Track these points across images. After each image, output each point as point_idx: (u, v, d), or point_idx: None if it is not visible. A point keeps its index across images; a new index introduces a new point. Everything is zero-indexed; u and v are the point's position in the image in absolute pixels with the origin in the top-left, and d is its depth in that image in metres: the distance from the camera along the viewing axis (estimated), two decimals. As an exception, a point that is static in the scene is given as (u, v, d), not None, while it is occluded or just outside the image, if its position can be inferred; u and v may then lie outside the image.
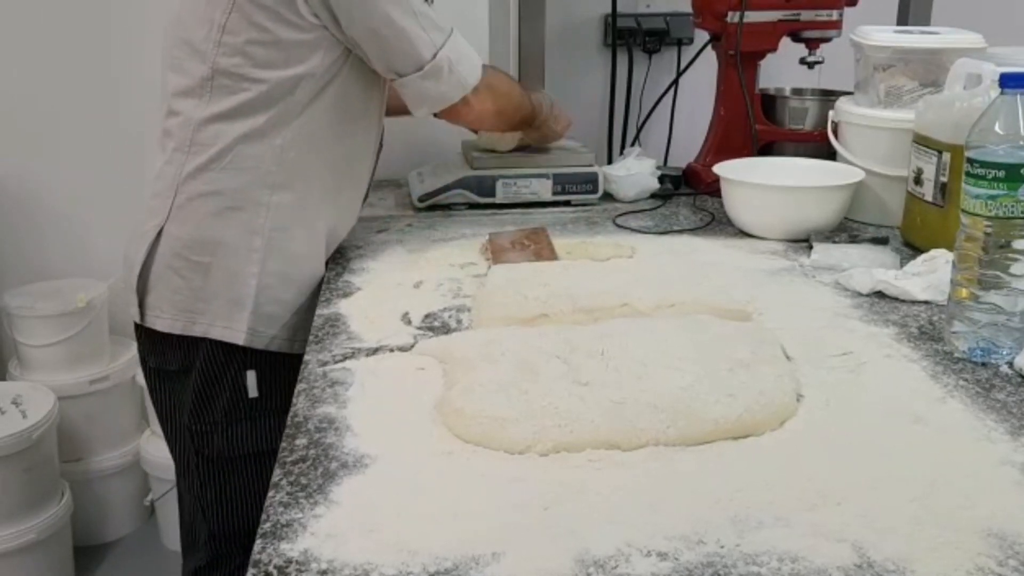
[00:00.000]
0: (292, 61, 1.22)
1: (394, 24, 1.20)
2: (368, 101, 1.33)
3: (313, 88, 1.24)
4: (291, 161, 1.25)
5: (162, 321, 1.28)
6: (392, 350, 1.06)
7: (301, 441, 0.87)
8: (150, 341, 1.31)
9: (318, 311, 1.19)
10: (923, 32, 1.58)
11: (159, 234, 1.26)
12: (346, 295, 1.23)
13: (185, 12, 1.26)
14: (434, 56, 1.23)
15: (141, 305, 1.29)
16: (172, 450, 1.39)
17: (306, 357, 1.05)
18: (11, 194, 2.13)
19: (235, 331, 1.25)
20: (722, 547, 0.71)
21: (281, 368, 1.26)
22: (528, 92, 1.51)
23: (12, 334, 2.12)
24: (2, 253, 2.18)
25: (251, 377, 1.26)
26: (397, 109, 1.41)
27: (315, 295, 1.28)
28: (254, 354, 1.26)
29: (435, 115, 1.32)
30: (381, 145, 1.43)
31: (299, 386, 0.98)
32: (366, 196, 1.44)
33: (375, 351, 1.06)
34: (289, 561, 0.69)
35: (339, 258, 1.38)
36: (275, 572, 0.68)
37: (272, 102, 1.23)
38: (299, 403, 0.94)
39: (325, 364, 1.03)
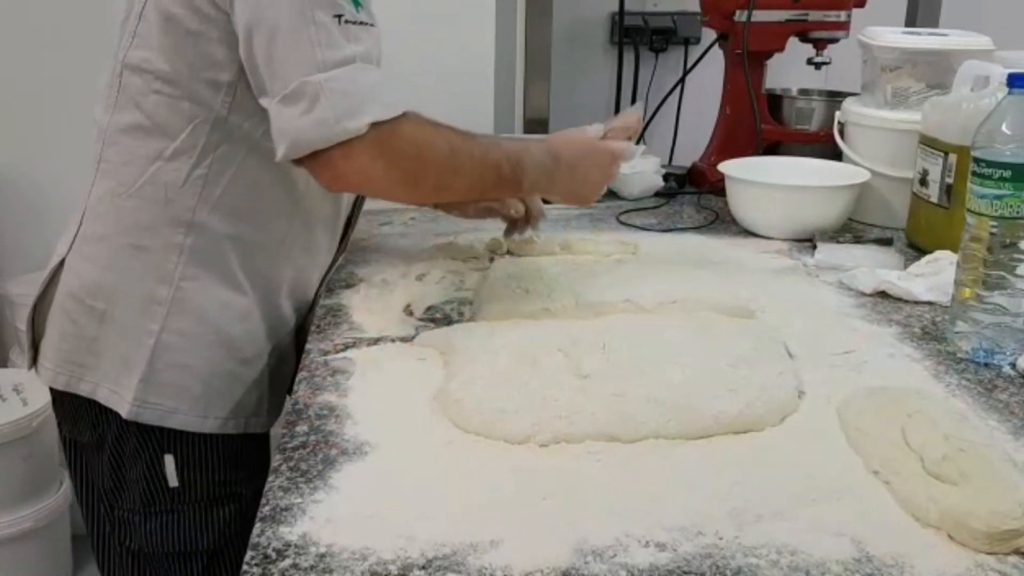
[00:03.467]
0: (211, 61, 0.98)
1: (278, 25, 0.92)
2: None
3: (244, 100, 0.99)
4: (216, 195, 1.03)
5: (46, 372, 1.08)
6: (394, 341, 1.06)
7: (301, 428, 0.87)
8: (59, 404, 1.12)
9: (321, 301, 1.19)
10: (931, 34, 1.58)
11: (60, 266, 1.08)
12: (349, 286, 1.23)
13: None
14: (304, 79, 0.91)
15: (35, 349, 1.11)
16: (91, 538, 1.16)
17: (308, 346, 1.05)
18: (14, 183, 2.13)
19: (121, 399, 1.04)
20: (721, 539, 0.70)
21: (209, 451, 1.06)
22: (503, 143, 1.09)
23: (14, 322, 2.12)
24: (5, 241, 2.18)
25: (169, 463, 1.05)
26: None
27: (251, 363, 1.08)
28: (173, 434, 1.05)
29: (297, 163, 0.95)
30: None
31: (300, 374, 0.99)
32: (344, 241, 1.20)
33: (377, 341, 1.06)
34: (288, 544, 0.69)
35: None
36: (273, 555, 0.68)
37: (191, 115, 1.00)
38: (300, 390, 0.94)
39: (327, 353, 1.03)
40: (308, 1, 0.91)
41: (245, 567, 0.67)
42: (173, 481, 1.05)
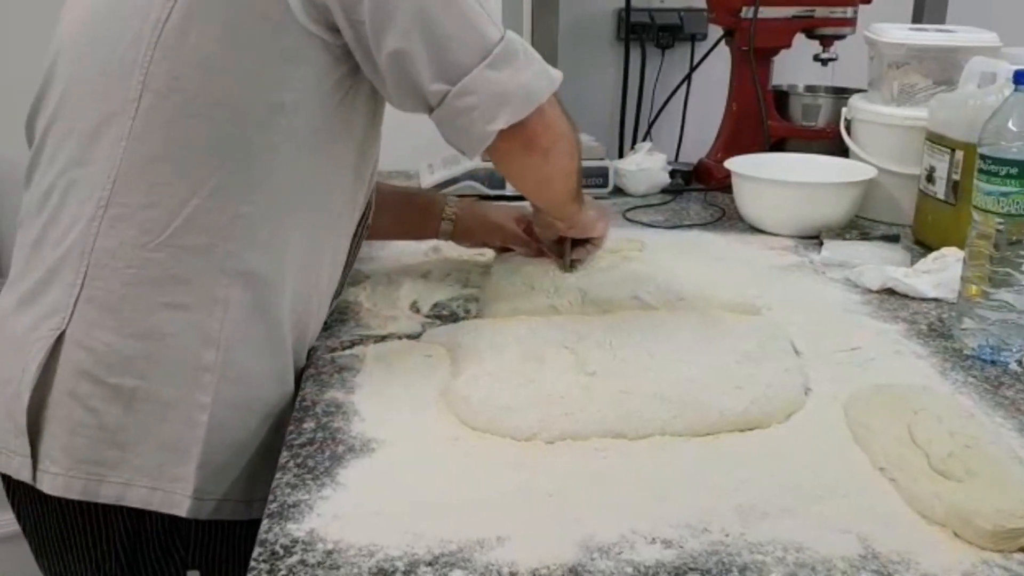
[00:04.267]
0: (278, 79, 0.84)
1: (450, 6, 0.85)
2: (366, 142, 0.96)
3: (296, 124, 0.86)
4: (263, 236, 0.88)
5: (51, 479, 0.86)
6: (400, 338, 1.06)
7: (308, 425, 0.87)
8: (44, 523, 0.91)
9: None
10: (938, 30, 1.57)
11: (58, 340, 0.86)
12: (355, 283, 1.23)
13: (104, 7, 0.90)
14: (502, 38, 0.87)
15: (34, 454, 0.87)
16: None
17: (315, 343, 1.05)
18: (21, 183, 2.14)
19: (174, 495, 0.85)
20: (727, 536, 0.71)
21: (234, 549, 0.92)
22: None
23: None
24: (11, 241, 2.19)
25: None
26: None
27: (277, 427, 0.91)
28: (196, 539, 0.91)
29: (497, 150, 0.90)
30: (367, 216, 1.05)
31: (307, 371, 0.99)
32: (342, 286, 1.07)
33: (383, 338, 1.06)
34: (295, 541, 0.69)
35: (349, 247, 1.38)
36: (281, 551, 0.68)
37: (239, 143, 0.85)
38: (307, 388, 0.94)
39: (333, 350, 1.03)
40: None
41: (253, 563, 0.67)
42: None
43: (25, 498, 0.91)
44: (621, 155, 2.01)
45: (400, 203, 1.23)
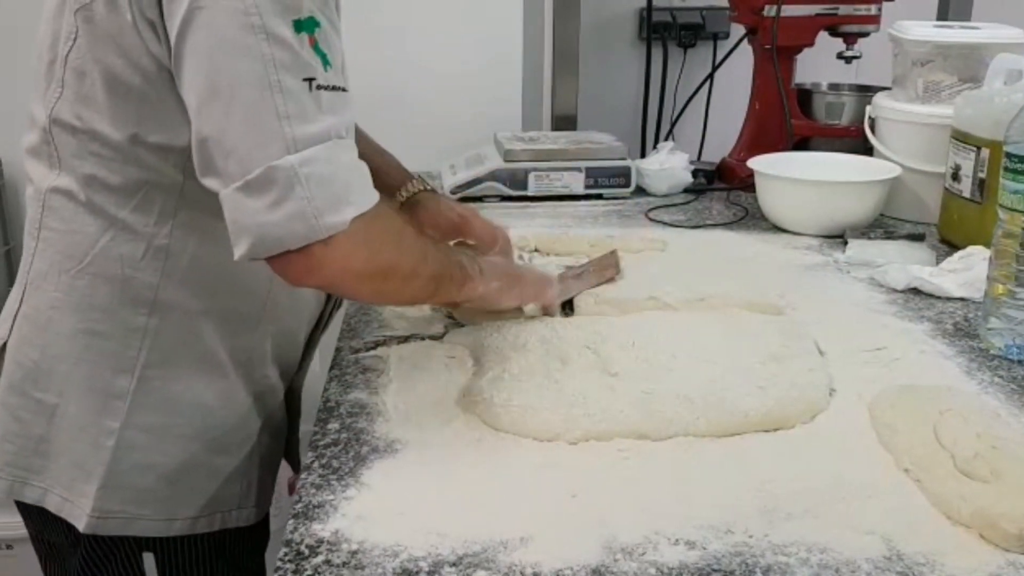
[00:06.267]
0: (160, 124, 0.82)
1: (236, 93, 0.74)
2: None
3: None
4: (182, 267, 0.87)
5: None
6: (424, 339, 1.07)
7: (333, 425, 0.88)
8: (22, 504, 0.95)
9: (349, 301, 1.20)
10: (963, 27, 1.56)
11: (2, 350, 0.92)
12: (379, 284, 1.24)
13: (43, 28, 0.88)
14: (272, 163, 0.74)
15: None
16: None
17: (339, 344, 1.06)
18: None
19: (76, 507, 0.89)
20: (750, 537, 0.71)
21: (196, 545, 0.93)
22: (451, 252, 0.97)
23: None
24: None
25: (148, 561, 0.91)
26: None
27: (230, 452, 0.93)
28: (156, 545, 0.92)
29: (268, 261, 0.78)
30: None
31: (331, 372, 1.00)
32: (338, 301, 1.06)
33: (407, 339, 1.06)
34: (320, 541, 0.70)
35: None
36: (306, 551, 0.69)
37: (139, 180, 0.85)
38: (331, 388, 0.95)
39: (357, 351, 1.04)
40: (274, 61, 0.74)
41: (279, 563, 0.68)
42: None
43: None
44: (643, 154, 2.01)
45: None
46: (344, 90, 0.79)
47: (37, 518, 0.95)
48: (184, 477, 0.91)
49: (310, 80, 0.75)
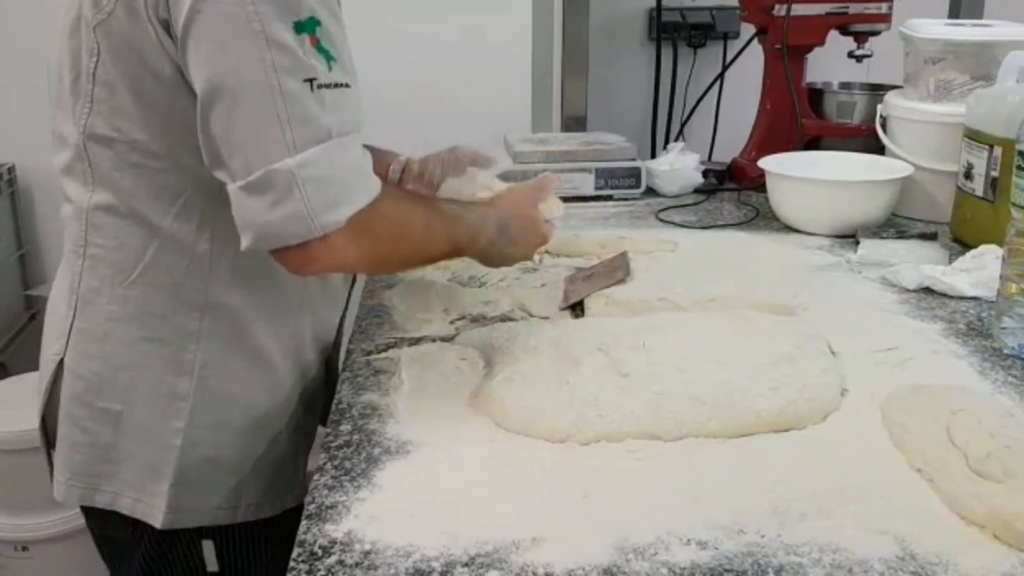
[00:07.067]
0: (191, 126, 0.82)
1: (239, 96, 0.77)
2: None
3: None
4: (226, 269, 0.92)
5: (59, 486, 0.97)
6: (435, 340, 1.07)
7: (345, 427, 0.88)
8: (87, 508, 1.00)
9: (362, 302, 1.20)
10: (975, 25, 1.55)
11: (59, 365, 0.95)
12: (389, 286, 1.24)
13: (58, 48, 0.89)
14: (272, 166, 0.77)
15: (50, 463, 0.99)
16: None
17: (350, 346, 1.07)
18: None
19: (151, 507, 0.94)
20: (763, 537, 0.70)
21: (249, 533, 0.99)
22: (458, 215, 0.99)
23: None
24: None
25: (208, 548, 0.97)
26: None
27: (281, 437, 1.00)
28: (216, 536, 0.97)
29: (272, 252, 0.83)
30: None
31: (343, 374, 1.00)
32: (354, 278, 1.11)
33: (418, 341, 1.07)
34: (333, 542, 0.70)
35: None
36: (319, 552, 0.69)
37: (179, 188, 0.88)
38: (343, 390, 0.96)
39: (369, 353, 1.04)
40: (275, 66, 0.76)
41: (292, 563, 0.68)
42: (212, 566, 0.98)
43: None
44: (653, 155, 2.01)
45: None
46: (347, 86, 0.82)
47: (100, 518, 0.99)
48: (244, 467, 0.97)
49: (311, 80, 0.78)
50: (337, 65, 0.80)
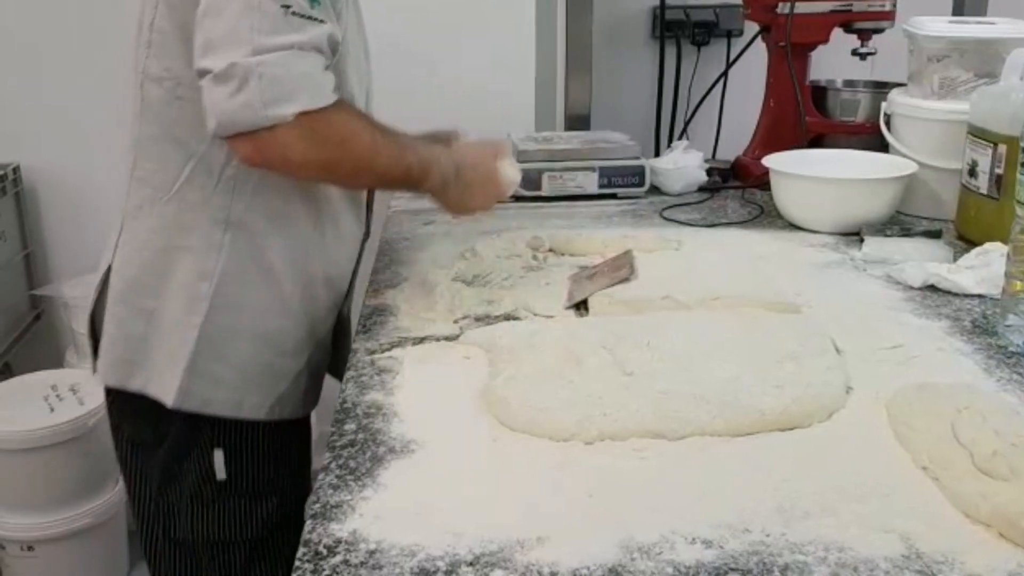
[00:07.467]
0: None
1: (224, 5, 0.94)
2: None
3: None
4: (248, 192, 1.06)
5: (100, 372, 1.13)
6: (439, 339, 1.07)
7: (350, 426, 0.88)
8: (119, 405, 1.16)
9: (366, 301, 1.20)
10: (978, 22, 1.55)
11: (108, 271, 1.12)
12: (393, 286, 1.24)
13: (139, 5, 1.08)
14: (236, 60, 0.92)
15: (95, 352, 1.15)
16: (139, 529, 1.21)
17: (354, 346, 1.07)
18: (71, 187, 2.18)
19: (166, 388, 1.08)
20: (768, 536, 0.70)
21: (255, 444, 1.12)
22: (411, 144, 1.10)
23: (70, 324, 2.17)
24: (62, 245, 2.24)
25: (218, 457, 1.10)
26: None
27: (290, 355, 1.13)
28: (223, 428, 1.10)
29: (229, 142, 0.98)
30: None
31: (348, 374, 1.00)
32: (367, 231, 1.24)
33: (422, 340, 1.07)
34: (338, 541, 0.70)
35: (387, 249, 1.40)
36: (324, 551, 0.69)
37: None
38: (348, 390, 0.96)
39: (373, 352, 1.04)
40: None
41: (297, 563, 0.68)
42: (221, 474, 1.10)
43: (116, 400, 1.16)
44: (657, 153, 2.01)
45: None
46: (322, 22, 0.97)
47: (131, 419, 1.15)
48: (251, 370, 1.11)
49: (286, 7, 0.95)
50: (319, 6, 0.97)
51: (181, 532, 1.13)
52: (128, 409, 1.14)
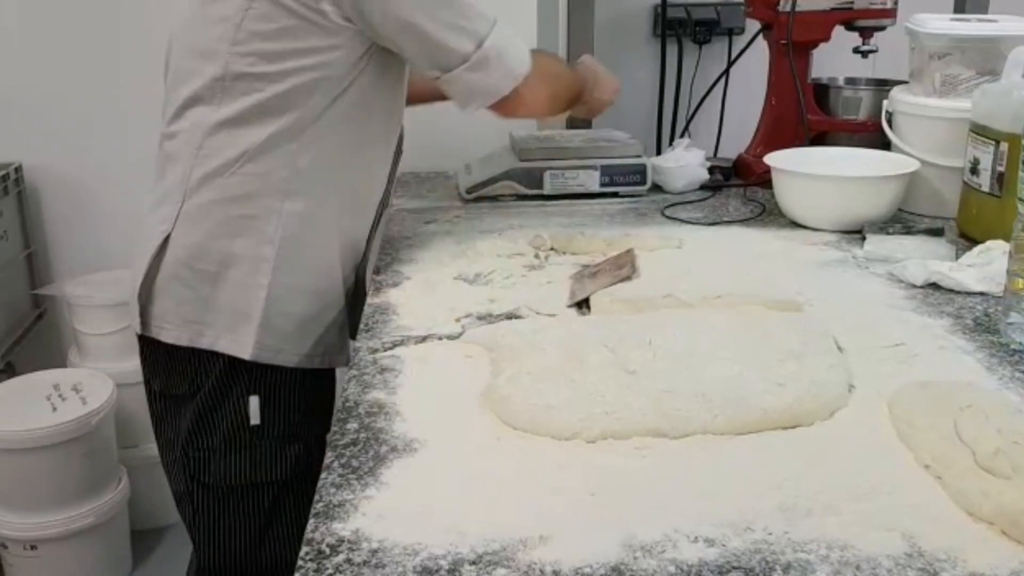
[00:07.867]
0: (311, 63, 1.15)
1: (433, 16, 1.14)
2: (388, 104, 1.26)
3: (331, 92, 1.17)
4: (305, 168, 1.19)
5: (167, 333, 1.22)
6: (440, 338, 1.07)
7: (352, 425, 0.88)
8: (155, 358, 1.26)
9: (369, 299, 1.21)
10: (980, 20, 1.55)
11: (165, 241, 1.20)
12: (395, 284, 1.25)
13: (195, 14, 1.20)
14: (479, 46, 1.16)
15: (144, 315, 1.23)
16: (168, 478, 1.33)
17: (356, 344, 1.07)
18: (73, 186, 2.19)
19: (242, 344, 1.19)
20: (770, 534, 0.70)
21: (289, 391, 1.22)
22: (573, 67, 1.47)
23: (72, 323, 2.17)
24: (64, 244, 2.24)
25: (254, 403, 1.20)
26: (421, 96, 1.40)
27: (333, 307, 1.25)
28: (260, 377, 1.20)
29: (489, 108, 1.23)
30: (400, 149, 1.37)
31: (350, 372, 1.00)
32: (385, 201, 1.39)
33: (424, 339, 1.07)
34: (341, 540, 0.71)
35: (389, 248, 1.40)
36: (327, 550, 0.69)
37: (287, 106, 1.16)
38: (350, 388, 0.96)
39: (375, 351, 1.04)
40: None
41: (300, 562, 0.68)
42: (255, 419, 1.20)
43: (150, 355, 1.27)
44: (659, 152, 2.01)
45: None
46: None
47: (165, 372, 1.25)
48: (309, 324, 1.23)
49: None
50: None
51: (212, 477, 1.22)
52: (158, 360, 1.24)
